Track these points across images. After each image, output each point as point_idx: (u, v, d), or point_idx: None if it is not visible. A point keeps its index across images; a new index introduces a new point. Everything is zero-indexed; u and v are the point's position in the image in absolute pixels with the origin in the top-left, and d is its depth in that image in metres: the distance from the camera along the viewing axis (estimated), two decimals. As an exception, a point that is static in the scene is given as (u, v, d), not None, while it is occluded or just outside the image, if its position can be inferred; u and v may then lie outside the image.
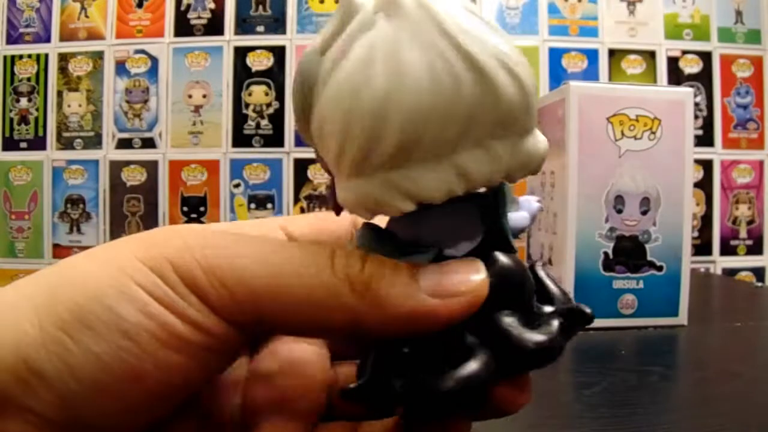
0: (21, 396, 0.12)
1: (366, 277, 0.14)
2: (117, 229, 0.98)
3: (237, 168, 0.98)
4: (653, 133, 0.43)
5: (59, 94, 1.00)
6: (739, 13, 1.04)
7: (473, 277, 0.14)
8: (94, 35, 0.99)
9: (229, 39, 0.99)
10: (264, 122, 0.98)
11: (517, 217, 0.17)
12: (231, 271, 0.13)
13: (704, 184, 1.01)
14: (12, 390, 0.12)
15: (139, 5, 0.99)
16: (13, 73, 1.00)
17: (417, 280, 0.14)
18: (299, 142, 0.98)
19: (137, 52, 0.99)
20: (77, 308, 0.13)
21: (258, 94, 0.99)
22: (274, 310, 0.13)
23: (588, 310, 0.16)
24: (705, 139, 1.01)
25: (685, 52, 1.02)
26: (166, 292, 0.13)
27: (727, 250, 1.02)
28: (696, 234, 1.01)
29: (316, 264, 0.14)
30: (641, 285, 0.44)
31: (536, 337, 0.15)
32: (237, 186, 0.98)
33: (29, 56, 1.00)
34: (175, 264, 0.13)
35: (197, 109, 0.99)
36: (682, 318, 0.45)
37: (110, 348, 0.12)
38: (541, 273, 0.17)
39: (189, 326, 0.13)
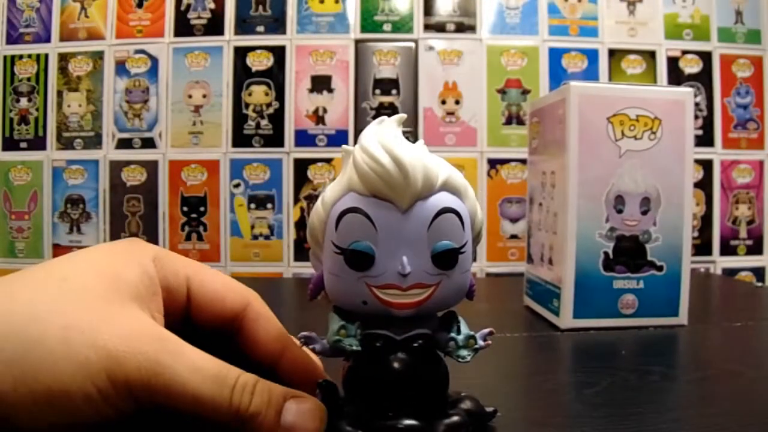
0: None
1: (249, 413, 0.20)
2: (117, 229, 0.98)
3: (237, 168, 0.98)
4: (653, 133, 0.43)
5: (59, 94, 1.00)
6: (739, 13, 1.04)
7: (314, 426, 0.21)
8: (94, 35, 0.99)
9: (229, 39, 0.99)
10: (264, 122, 0.98)
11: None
12: (158, 383, 0.19)
13: (704, 184, 1.01)
14: None
15: (139, 5, 0.99)
16: (13, 73, 1.00)
17: (280, 422, 0.21)
18: (299, 142, 0.98)
19: (137, 52, 0.99)
20: (43, 384, 0.18)
21: (258, 94, 0.99)
22: (175, 409, 0.20)
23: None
24: (705, 139, 1.01)
25: (685, 52, 1.02)
26: (106, 392, 0.19)
27: (727, 250, 1.02)
28: (696, 234, 1.01)
29: (220, 396, 0.20)
30: (641, 285, 0.44)
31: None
32: (237, 186, 0.98)
33: (29, 56, 1.00)
34: (116, 369, 0.19)
35: (197, 109, 0.99)
36: (682, 318, 0.45)
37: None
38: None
39: (109, 406, 0.19)
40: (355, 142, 0.23)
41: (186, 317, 0.25)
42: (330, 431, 0.22)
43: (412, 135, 0.97)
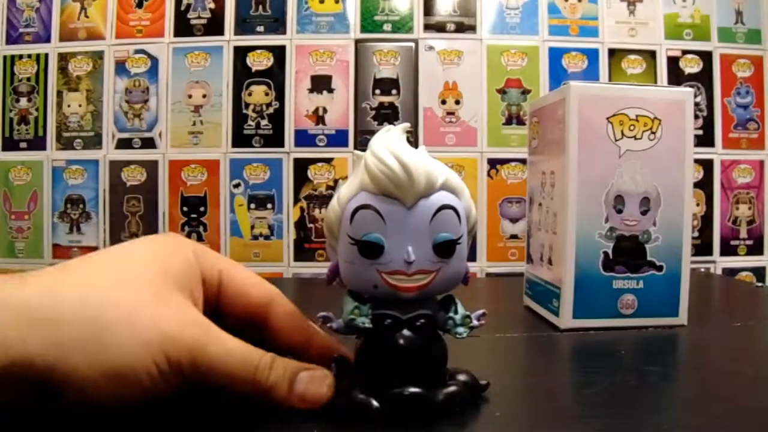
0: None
1: (268, 386, 0.25)
2: (117, 229, 0.98)
3: (237, 168, 0.98)
4: (653, 133, 0.43)
5: (59, 94, 1.00)
6: (739, 13, 1.04)
7: (321, 392, 0.25)
8: (94, 35, 0.99)
9: (229, 39, 0.99)
10: (264, 122, 0.98)
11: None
12: (203, 362, 0.23)
13: (704, 184, 1.01)
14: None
15: (139, 5, 0.99)
16: (13, 73, 1.00)
17: (293, 389, 0.25)
18: (299, 142, 0.98)
19: (137, 52, 0.99)
20: (113, 361, 0.22)
21: (258, 94, 0.99)
22: (212, 384, 0.24)
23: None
24: (705, 139, 1.01)
25: (685, 52, 1.02)
26: (163, 368, 0.23)
27: (728, 250, 1.02)
28: (696, 234, 1.01)
29: (246, 374, 0.24)
30: (641, 285, 0.44)
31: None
32: (237, 186, 0.98)
33: (29, 56, 1.00)
34: (171, 349, 0.23)
35: (197, 109, 0.99)
36: (682, 318, 0.45)
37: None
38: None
39: (164, 381, 0.23)
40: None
41: (217, 307, 0.28)
42: (344, 399, 0.25)
43: (412, 135, 0.97)
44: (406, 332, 0.25)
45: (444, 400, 0.25)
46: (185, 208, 0.98)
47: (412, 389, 0.25)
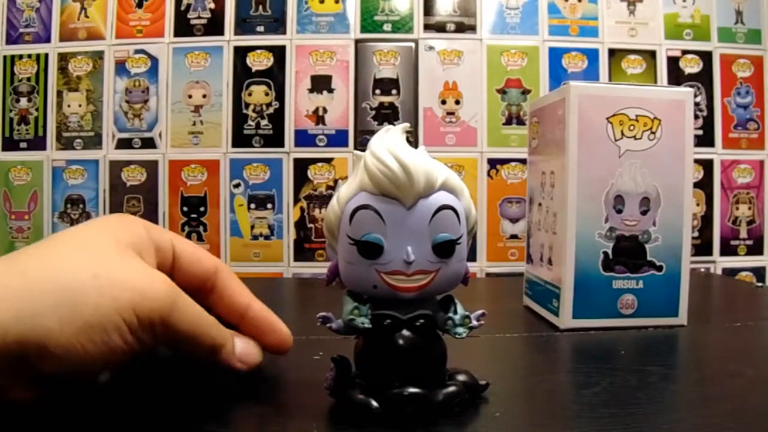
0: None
1: (220, 343, 0.27)
2: (117, 229, 0.98)
3: (237, 168, 0.98)
4: (653, 133, 0.43)
5: (59, 94, 1.00)
6: (739, 13, 1.04)
7: (256, 354, 0.29)
8: (94, 35, 0.99)
9: (229, 39, 0.99)
10: (264, 122, 0.98)
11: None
12: (175, 319, 0.25)
13: (704, 184, 1.01)
14: None
15: (139, 5, 0.99)
16: (13, 73, 1.00)
17: (234, 353, 0.28)
18: (299, 142, 0.98)
19: (137, 52, 0.99)
20: (83, 320, 0.23)
21: (258, 94, 0.99)
22: (186, 346, 0.26)
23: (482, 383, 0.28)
24: (705, 139, 1.01)
25: (685, 52, 1.02)
26: (132, 323, 0.23)
27: (728, 250, 1.02)
28: (696, 234, 1.01)
29: (211, 328, 0.27)
30: (641, 285, 0.44)
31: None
32: (237, 186, 0.98)
33: (29, 56, 1.00)
34: (140, 305, 0.24)
35: (197, 109, 0.99)
36: (682, 318, 0.45)
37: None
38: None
39: (135, 338, 0.24)
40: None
41: (170, 276, 0.28)
42: (344, 400, 0.25)
43: (412, 135, 0.97)
44: (405, 332, 0.25)
45: (443, 401, 0.25)
46: (185, 208, 0.98)
47: (412, 389, 0.25)
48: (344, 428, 0.24)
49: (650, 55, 1.02)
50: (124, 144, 0.99)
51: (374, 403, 0.24)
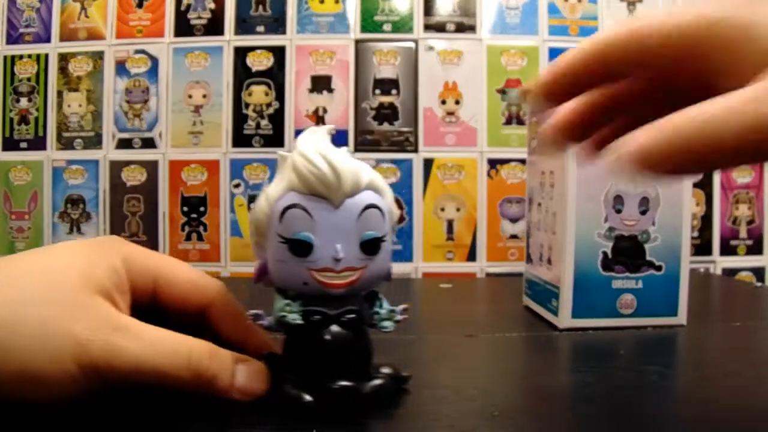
0: None
1: (209, 375, 0.25)
2: (117, 229, 0.98)
3: (237, 168, 0.98)
4: (653, 133, 0.43)
5: (59, 94, 1.00)
6: (739, 13, 1.03)
7: (260, 386, 0.26)
8: (94, 35, 0.99)
9: (229, 39, 0.99)
10: (264, 122, 0.98)
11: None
12: (122, 364, 0.23)
13: (704, 184, 1.01)
14: None
15: (139, 5, 0.99)
16: (13, 73, 1.00)
17: (233, 383, 0.26)
18: (299, 142, 0.98)
19: (137, 52, 0.99)
20: (25, 369, 0.23)
21: (258, 94, 0.99)
22: (142, 382, 0.24)
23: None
24: (705, 139, 1.01)
25: (685, 52, 1.02)
26: (73, 375, 0.23)
27: (727, 250, 1.02)
28: (696, 234, 1.01)
29: (176, 359, 0.24)
30: (640, 285, 0.44)
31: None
32: (237, 186, 0.98)
33: (29, 56, 1.00)
34: (83, 356, 0.23)
35: (197, 109, 0.99)
36: (682, 318, 0.45)
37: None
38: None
39: (78, 386, 0.23)
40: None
41: (155, 308, 0.28)
42: (275, 395, 0.26)
43: (412, 135, 0.97)
44: (334, 328, 0.26)
45: (372, 392, 0.26)
46: (185, 208, 0.98)
47: (342, 382, 0.26)
48: (345, 428, 0.24)
49: (650, 55, 1.01)
50: (124, 144, 0.99)
51: (307, 397, 0.25)
